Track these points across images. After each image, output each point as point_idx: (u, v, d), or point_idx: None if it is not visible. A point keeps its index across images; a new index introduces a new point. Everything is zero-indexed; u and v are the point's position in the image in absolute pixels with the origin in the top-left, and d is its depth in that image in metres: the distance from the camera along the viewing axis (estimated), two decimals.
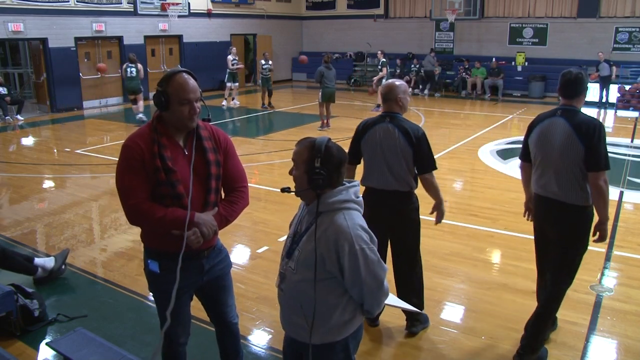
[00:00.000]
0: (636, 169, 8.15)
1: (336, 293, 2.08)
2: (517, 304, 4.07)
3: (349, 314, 2.12)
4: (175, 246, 2.38)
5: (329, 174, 2.01)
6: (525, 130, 3.43)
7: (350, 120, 12.69)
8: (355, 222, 2.02)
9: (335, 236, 1.98)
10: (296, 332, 2.16)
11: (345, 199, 2.05)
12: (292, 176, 2.10)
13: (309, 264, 2.03)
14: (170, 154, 2.35)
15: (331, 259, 2.00)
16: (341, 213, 2.03)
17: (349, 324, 2.14)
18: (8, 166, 8.73)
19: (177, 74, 2.36)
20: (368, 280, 2.01)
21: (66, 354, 2.98)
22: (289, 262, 2.14)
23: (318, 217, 2.03)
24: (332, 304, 2.09)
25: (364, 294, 2.05)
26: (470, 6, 17.91)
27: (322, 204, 2.04)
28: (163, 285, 2.50)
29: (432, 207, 3.68)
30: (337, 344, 2.14)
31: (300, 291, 2.09)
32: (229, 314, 2.80)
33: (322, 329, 2.09)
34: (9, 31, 12.86)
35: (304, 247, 2.07)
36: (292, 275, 2.12)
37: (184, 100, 2.32)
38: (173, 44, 17.24)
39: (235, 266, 4.83)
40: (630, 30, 15.88)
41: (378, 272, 2.03)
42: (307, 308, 2.06)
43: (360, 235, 2.00)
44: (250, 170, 8.26)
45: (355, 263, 1.98)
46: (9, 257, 4.29)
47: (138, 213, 2.32)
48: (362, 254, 1.98)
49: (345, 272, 2.00)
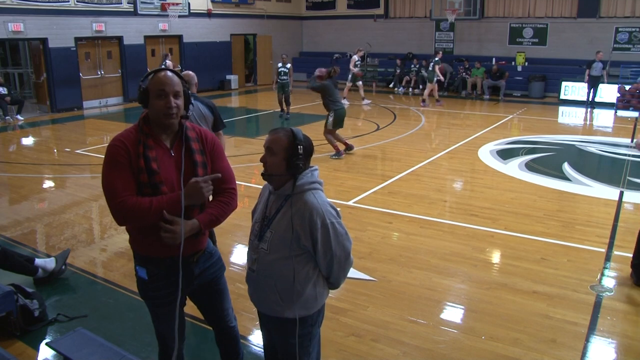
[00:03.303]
0: (636, 169, 8.15)
1: (308, 267, 2.29)
2: (517, 304, 4.06)
3: (320, 287, 2.35)
4: (162, 252, 2.37)
5: (305, 160, 2.25)
6: (525, 130, 3.43)
7: (350, 120, 12.68)
8: (324, 200, 2.27)
9: (309, 213, 2.20)
10: (271, 309, 2.34)
11: (312, 181, 2.28)
12: (266, 162, 2.26)
13: (284, 241, 2.24)
14: (155, 155, 2.32)
15: (305, 234, 2.21)
16: (310, 193, 2.25)
17: (319, 297, 2.36)
18: (8, 166, 8.72)
19: (159, 71, 2.36)
20: (338, 251, 2.26)
21: (66, 354, 2.98)
22: (260, 244, 2.32)
23: (288, 199, 2.25)
24: (305, 278, 2.29)
25: (333, 264, 2.28)
26: (470, 6, 17.91)
27: (289, 187, 2.25)
28: (150, 292, 2.50)
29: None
30: (308, 317, 2.34)
31: (274, 269, 2.28)
32: (226, 318, 2.79)
33: (297, 304, 2.29)
34: (9, 31, 12.86)
35: (277, 227, 2.26)
36: (265, 255, 2.30)
37: (160, 92, 2.29)
38: (173, 44, 17.24)
39: (235, 266, 4.84)
40: (630, 30, 15.88)
41: (346, 243, 2.29)
42: (281, 285, 2.27)
43: (329, 211, 2.25)
44: (250, 170, 8.26)
45: (326, 236, 2.21)
46: (10, 257, 4.28)
47: (125, 210, 2.24)
48: (332, 228, 2.23)
49: (318, 244, 2.22)
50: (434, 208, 6.31)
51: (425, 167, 8.33)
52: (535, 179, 7.54)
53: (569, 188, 7.14)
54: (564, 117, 13.89)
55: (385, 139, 10.51)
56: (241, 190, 7.09)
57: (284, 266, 2.26)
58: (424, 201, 6.58)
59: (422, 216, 6.00)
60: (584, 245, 5.16)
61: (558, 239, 5.33)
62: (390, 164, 8.84)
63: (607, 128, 12.46)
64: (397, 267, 4.70)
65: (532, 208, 6.19)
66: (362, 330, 3.70)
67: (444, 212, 6.25)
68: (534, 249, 5.09)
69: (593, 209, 6.29)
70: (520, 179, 7.58)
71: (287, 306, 2.28)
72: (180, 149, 2.39)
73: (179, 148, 2.39)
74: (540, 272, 4.59)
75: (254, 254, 2.35)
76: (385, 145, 10.05)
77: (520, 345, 3.52)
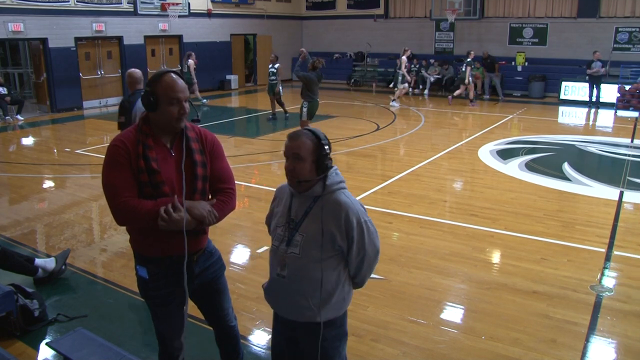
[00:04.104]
0: (636, 169, 8.15)
1: (339, 269, 2.25)
2: (517, 304, 4.07)
3: (347, 287, 2.31)
4: (162, 252, 2.38)
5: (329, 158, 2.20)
6: (525, 130, 3.43)
7: (350, 120, 12.70)
8: (355, 199, 2.25)
9: (345, 213, 2.16)
10: (302, 314, 2.25)
11: (340, 180, 2.24)
12: (294, 169, 2.15)
13: (317, 244, 2.18)
14: (156, 155, 2.31)
15: (341, 235, 2.17)
16: (341, 192, 2.21)
17: (347, 297, 2.32)
18: (8, 166, 8.72)
19: (165, 74, 2.32)
20: (369, 249, 2.24)
21: (66, 354, 2.98)
22: (289, 249, 2.23)
23: (317, 200, 2.20)
24: (336, 280, 2.25)
25: (363, 263, 2.26)
26: (470, 6, 17.91)
27: (319, 188, 2.19)
28: (150, 291, 2.50)
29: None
30: (337, 318, 2.30)
31: (307, 273, 2.21)
32: (226, 318, 2.79)
33: (327, 306, 2.23)
34: (9, 31, 12.85)
35: (308, 229, 2.20)
36: (296, 260, 2.22)
37: (174, 100, 2.28)
38: (173, 44, 17.24)
39: (235, 266, 4.84)
40: (630, 30, 15.88)
41: (376, 241, 2.28)
42: (313, 288, 2.21)
43: (362, 210, 2.23)
44: (250, 170, 8.26)
45: (361, 235, 2.19)
46: (10, 257, 4.28)
47: (126, 210, 2.24)
48: (366, 226, 2.20)
49: (353, 244, 2.19)
50: (434, 208, 6.32)
51: (425, 167, 8.33)
52: (535, 179, 7.54)
53: (569, 188, 7.14)
54: (564, 117, 13.90)
55: (385, 139, 10.51)
56: (241, 190, 7.09)
57: (316, 269, 2.19)
58: (424, 201, 6.58)
59: (422, 216, 6.00)
60: (584, 245, 5.16)
61: (558, 239, 5.33)
62: (390, 164, 8.84)
63: (607, 128, 12.47)
64: (397, 267, 4.70)
65: (532, 208, 6.19)
66: (362, 330, 3.70)
67: (444, 212, 6.25)
68: (534, 249, 5.09)
69: (593, 209, 6.29)
70: (520, 179, 7.58)
71: (319, 310, 2.22)
72: (180, 149, 2.39)
73: (179, 148, 2.39)
74: (540, 272, 4.59)
75: (283, 260, 2.25)
76: (385, 145, 10.05)
77: (520, 345, 3.52)
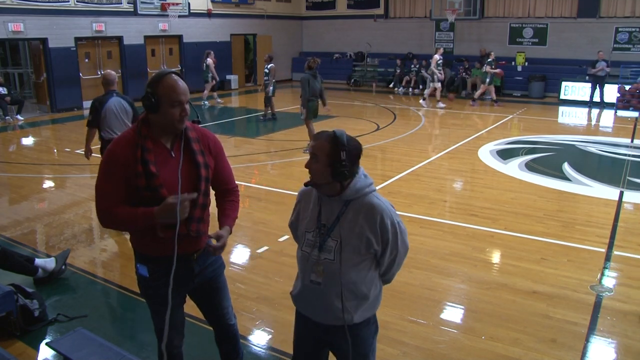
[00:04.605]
0: (636, 169, 8.15)
1: (372, 269, 2.28)
2: (517, 304, 4.07)
3: (379, 286, 2.35)
4: (162, 250, 2.37)
5: (351, 165, 2.14)
6: (525, 130, 3.43)
7: (350, 120, 12.70)
8: (386, 200, 2.26)
9: (380, 216, 2.18)
10: (338, 318, 2.23)
11: (369, 183, 2.24)
12: (311, 169, 2.17)
13: (353, 248, 2.19)
14: (155, 158, 2.30)
15: (377, 238, 2.19)
16: (371, 196, 2.22)
17: (379, 296, 2.35)
18: (8, 166, 8.72)
19: (166, 75, 2.30)
20: (401, 248, 2.28)
21: (66, 354, 2.98)
22: (322, 255, 2.22)
23: (348, 205, 2.20)
24: (371, 281, 2.28)
25: (395, 262, 2.29)
26: (470, 6, 17.91)
27: (352, 192, 2.19)
28: (151, 289, 2.50)
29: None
30: (372, 317, 2.34)
31: (343, 278, 2.20)
32: (225, 316, 2.79)
33: (363, 307, 2.26)
34: (9, 31, 12.85)
35: (342, 234, 2.19)
36: (331, 265, 2.21)
37: (175, 102, 2.27)
38: (173, 44, 17.24)
39: (235, 266, 4.84)
40: (630, 30, 15.88)
41: (406, 240, 2.31)
42: (350, 292, 2.22)
43: (394, 211, 2.26)
44: (250, 170, 8.26)
45: (395, 236, 2.23)
46: (9, 257, 4.28)
47: (106, 218, 2.34)
48: (399, 227, 2.24)
49: (388, 245, 2.22)
50: (434, 208, 6.32)
51: (425, 167, 8.33)
52: (535, 179, 7.54)
53: (569, 188, 7.14)
54: (564, 117, 13.90)
55: (385, 139, 10.51)
56: (241, 190, 7.09)
57: (352, 273, 2.20)
58: (424, 201, 6.58)
59: (422, 216, 6.00)
60: (584, 245, 5.16)
61: (558, 239, 5.33)
62: (390, 164, 8.84)
63: (607, 128, 12.47)
64: None
65: (532, 208, 6.19)
66: None
67: (444, 212, 6.25)
68: (534, 249, 5.09)
69: (593, 209, 6.29)
70: (520, 179, 7.58)
71: (356, 312, 2.24)
72: (181, 150, 2.38)
73: (180, 149, 2.39)
74: (540, 272, 4.60)
75: (317, 266, 2.23)
76: (385, 145, 10.05)
77: (520, 345, 3.52)
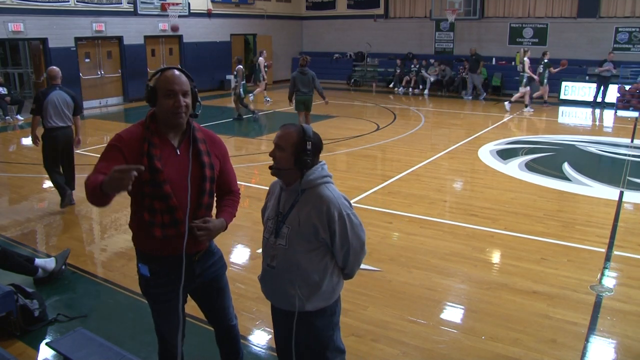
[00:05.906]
0: (636, 169, 8.15)
1: (325, 259, 2.35)
2: (517, 304, 4.07)
3: (336, 278, 2.41)
4: (163, 250, 2.39)
5: (313, 156, 2.29)
6: (525, 130, 3.43)
7: (350, 120, 12.70)
8: (338, 193, 2.34)
9: (326, 206, 2.26)
10: (291, 304, 2.35)
11: (324, 175, 2.33)
12: (274, 157, 2.30)
13: (302, 236, 2.29)
14: (160, 153, 2.32)
15: (323, 227, 2.27)
16: (324, 186, 2.31)
17: (336, 288, 2.42)
18: (8, 166, 8.72)
19: (168, 69, 2.36)
20: (354, 241, 2.33)
21: (66, 354, 2.98)
22: (277, 241, 2.35)
23: (303, 194, 2.31)
24: (323, 270, 2.35)
25: (349, 255, 2.35)
26: (470, 6, 17.90)
27: (305, 182, 2.30)
28: (152, 288, 2.51)
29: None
30: (327, 308, 2.40)
31: (294, 264, 2.32)
32: (227, 317, 2.79)
33: (316, 295, 2.34)
34: (9, 31, 12.85)
35: (294, 222, 2.31)
36: (284, 251, 2.33)
37: (168, 92, 2.28)
38: (173, 44, 17.23)
39: (235, 266, 4.84)
40: (630, 30, 15.87)
41: (361, 234, 2.37)
42: (301, 278, 2.32)
43: (345, 203, 2.32)
44: (250, 170, 8.26)
45: (343, 228, 2.28)
46: (9, 257, 4.28)
47: (85, 189, 2.29)
48: (349, 219, 2.30)
49: (336, 236, 2.29)
50: (434, 208, 6.31)
51: (425, 167, 8.33)
52: (535, 179, 7.54)
53: (569, 188, 7.14)
54: (564, 117, 13.91)
55: (385, 139, 10.51)
56: (241, 190, 7.07)
57: (303, 260, 2.31)
58: (424, 201, 6.58)
59: (422, 216, 5.99)
60: (584, 245, 5.16)
61: (558, 239, 5.33)
62: (390, 164, 8.84)
63: (607, 128, 12.47)
64: (397, 267, 4.70)
65: (532, 208, 6.19)
66: (362, 330, 3.70)
67: (444, 212, 6.25)
68: (534, 249, 5.09)
69: (593, 209, 6.29)
70: (520, 179, 7.58)
71: (308, 299, 2.33)
72: (187, 149, 2.39)
73: (186, 148, 2.39)
74: (540, 272, 4.60)
75: (272, 251, 2.37)
76: (385, 145, 10.05)
77: (520, 345, 3.52)
